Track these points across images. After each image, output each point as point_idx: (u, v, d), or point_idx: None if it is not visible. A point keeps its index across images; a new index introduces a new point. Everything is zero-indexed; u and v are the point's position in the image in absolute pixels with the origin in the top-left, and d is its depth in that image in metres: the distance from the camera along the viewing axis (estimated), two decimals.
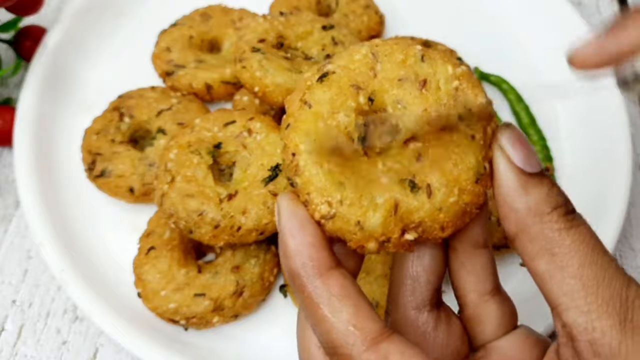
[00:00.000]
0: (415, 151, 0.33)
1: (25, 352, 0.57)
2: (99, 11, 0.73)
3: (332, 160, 0.32)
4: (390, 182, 0.32)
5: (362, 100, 0.34)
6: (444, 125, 0.33)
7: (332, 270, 0.31)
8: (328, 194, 0.32)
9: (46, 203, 0.59)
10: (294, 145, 0.33)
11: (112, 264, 0.59)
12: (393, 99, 0.35)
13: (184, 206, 0.52)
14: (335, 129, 0.33)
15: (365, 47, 0.36)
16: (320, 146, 0.33)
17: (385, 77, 0.35)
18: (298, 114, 0.34)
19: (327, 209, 0.32)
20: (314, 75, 0.35)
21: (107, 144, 0.61)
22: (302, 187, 0.33)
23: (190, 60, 0.67)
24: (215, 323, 0.54)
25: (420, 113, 0.34)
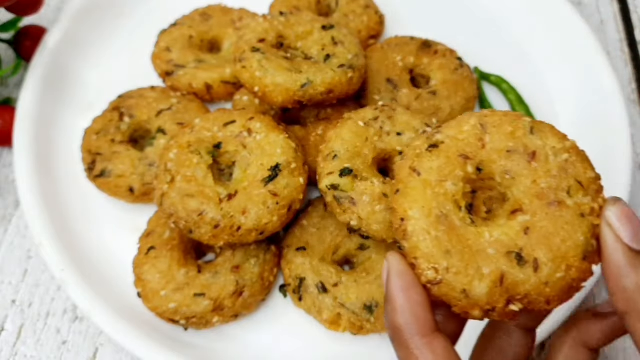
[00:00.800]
0: (523, 224, 0.34)
1: (25, 352, 0.57)
2: (99, 11, 0.73)
3: (440, 228, 0.34)
4: (496, 254, 0.33)
5: (470, 169, 0.36)
6: (553, 200, 0.34)
7: (436, 333, 0.33)
8: (435, 261, 0.33)
9: (46, 203, 0.59)
10: (403, 211, 0.35)
11: (112, 264, 0.59)
12: (501, 170, 0.36)
13: (184, 206, 0.52)
14: (443, 197, 0.35)
15: (474, 117, 0.37)
16: (429, 213, 0.34)
17: (494, 148, 0.36)
18: (407, 181, 0.36)
19: (434, 275, 0.33)
20: (423, 144, 0.37)
21: (107, 143, 0.61)
22: (409, 251, 0.34)
23: (190, 60, 0.67)
24: (215, 323, 0.54)
25: (529, 185, 0.35)
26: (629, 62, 0.77)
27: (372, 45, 0.70)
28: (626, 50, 0.78)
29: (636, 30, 0.80)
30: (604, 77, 0.66)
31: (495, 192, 0.37)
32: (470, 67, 0.68)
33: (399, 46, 0.68)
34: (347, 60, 0.58)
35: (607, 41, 0.79)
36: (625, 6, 0.82)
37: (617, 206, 0.34)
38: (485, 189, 0.37)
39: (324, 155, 0.55)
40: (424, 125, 0.56)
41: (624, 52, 0.78)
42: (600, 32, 0.79)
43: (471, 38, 0.73)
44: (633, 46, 0.78)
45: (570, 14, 0.71)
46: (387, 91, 0.64)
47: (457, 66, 0.67)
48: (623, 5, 0.82)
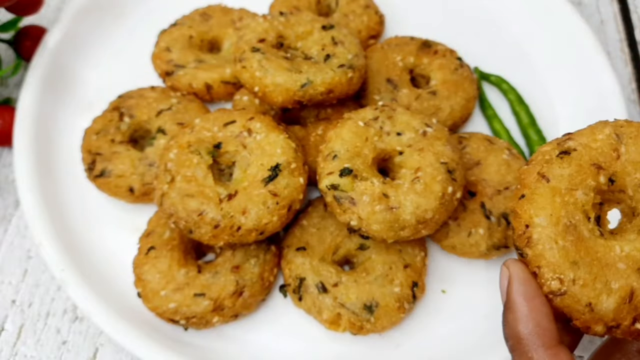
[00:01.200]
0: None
1: (25, 352, 0.57)
2: (99, 11, 0.73)
3: (567, 238, 0.33)
4: (627, 269, 0.32)
5: (602, 180, 0.35)
6: None
7: (559, 345, 0.32)
8: (561, 271, 0.32)
9: (46, 203, 0.59)
10: (528, 217, 0.34)
11: (112, 263, 0.59)
12: (636, 183, 0.35)
13: (183, 206, 0.52)
14: (572, 207, 0.34)
15: (609, 127, 0.36)
16: (557, 221, 0.33)
17: (629, 160, 0.35)
18: (535, 187, 0.35)
19: (558, 286, 0.33)
20: (554, 149, 0.36)
21: (107, 143, 0.61)
22: (532, 259, 0.33)
23: (190, 60, 0.67)
24: (215, 323, 0.54)
25: None
26: (629, 62, 0.77)
27: (372, 45, 0.70)
28: (626, 50, 0.78)
29: (636, 30, 0.80)
30: (604, 77, 0.66)
31: (623, 206, 0.36)
32: (470, 67, 0.68)
33: (399, 46, 0.68)
34: (347, 60, 0.58)
35: (607, 41, 0.79)
36: (625, 6, 0.82)
37: None
38: (613, 202, 0.36)
39: (323, 155, 0.55)
40: (424, 125, 0.56)
41: (624, 52, 0.78)
42: (600, 32, 0.79)
43: (471, 38, 0.73)
44: (633, 46, 0.78)
45: (570, 14, 0.71)
46: (387, 91, 0.64)
47: (457, 66, 0.67)
48: (623, 5, 0.82)
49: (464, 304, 0.58)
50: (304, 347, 0.55)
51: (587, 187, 0.35)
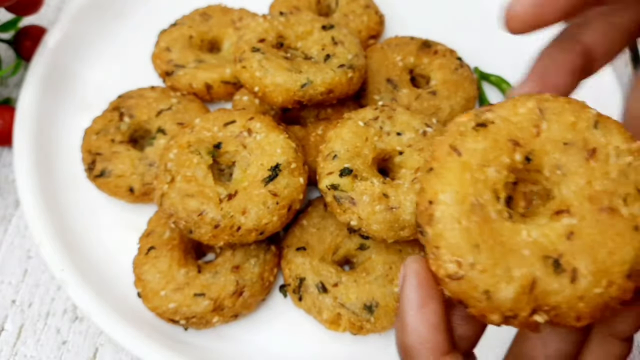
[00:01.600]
0: (567, 228, 0.30)
1: (25, 352, 0.57)
2: (99, 11, 0.73)
3: (472, 218, 0.30)
4: (532, 256, 0.29)
5: (518, 157, 0.32)
6: (607, 206, 0.30)
7: (447, 356, 0.30)
8: (460, 254, 0.29)
9: (46, 203, 0.59)
10: (432, 193, 0.31)
11: (112, 263, 0.59)
12: (553, 163, 0.31)
13: (183, 206, 0.52)
14: (482, 184, 0.31)
15: (533, 100, 0.33)
16: (462, 200, 0.30)
17: (550, 138, 0.32)
18: (444, 160, 0.31)
19: (455, 269, 0.30)
20: (470, 121, 0.32)
21: (107, 143, 0.61)
22: (432, 238, 0.30)
23: (190, 60, 0.67)
24: (215, 323, 0.54)
25: (581, 185, 0.30)
26: (629, 62, 0.77)
27: (372, 45, 0.70)
28: (626, 50, 0.78)
29: None
30: (604, 77, 0.66)
31: (539, 187, 0.33)
32: (470, 67, 0.68)
33: (399, 46, 0.68)
34: (347, 60, 0.58)
35: None
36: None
37: None
38: (528, 182, 0.33)
39: (323, 155, 0.55)
40: (424, 125, 0.56)
41: (624, 52, 0.78)
42: None
43: (471, 38, 0.73)
44: (633, 46, 0.78)
45: None
46: (387, 91, 0.64)
47: (457, 66, 0.67)
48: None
49: None
50: (304, 347, 0.55)
51: (500, 165, 0.31)
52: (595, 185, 0.30)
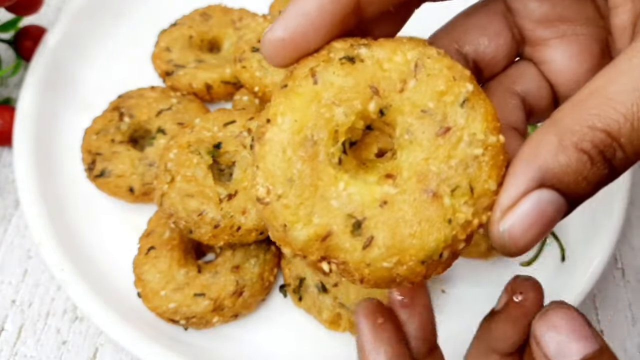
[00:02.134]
0: (384, 195, 0.28)
1: (25, 352, 0.57)
2: (99, 11, 0.73)
3: (299, 152, 0.29)
4: (337, 210, 0.28)
5: (371, 107, 0.29)
6: (431, 190, 0.28)
7: None
8: (272, 182, 0.29)
9: (46, 203, 0.59)
10: (273, 112, 0.29)
11: (112, 263, 0.59)
12: (404, 126, 0.29)
13: (183, 206, 0.52)
14: (324, 122, 0.29)
15: (416, 52, 0.30)
16: (298, 130, 0.29)
17: (410, 99, 0.29)
18: (299, 83, 0.29)
19: (263, 195, 0.29)
20: (341, 50, 0.30)
21: (107, 143, 0.61)
22: (256, 156, 0.29)
23: (190, 60, 0.67)
24: (215, 323, 0.54)
25: (419, 159, 0.29)
26: None
27: None
28: None
29: None
30: None
31: (388, 143, 0.31)
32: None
33: None
34: None
35: None
36: None
37: (558, 314, 0.29)
38: (386, 134, 0.31)
39: None
40: None
41: None
42: None
43: None
44: None
45: None
46: None
47: None
48: None
49: (464, 304, 0.58)
50: (304, 347, 0.55)
51: (351, 108, 0.29)
52: (431, 165, 0.28)
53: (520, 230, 0.26)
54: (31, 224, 0.58)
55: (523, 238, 0.26)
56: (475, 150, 0.28)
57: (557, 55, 0.34)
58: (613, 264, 0.63)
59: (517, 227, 0.26)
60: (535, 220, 0.26)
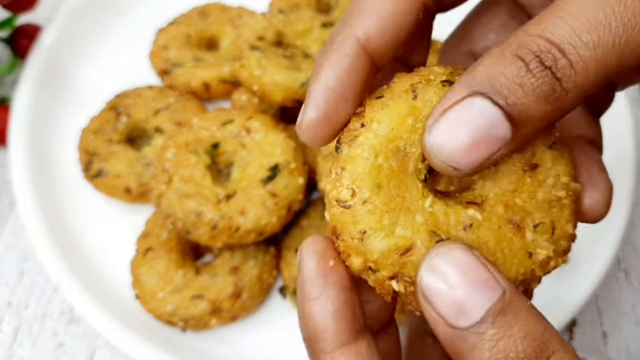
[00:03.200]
0: (469, 219, 0.28)
1: (22, 354, 0.56)
2: (96, 9, 0.73)
3: (390, 160, 0.28)
4: (422, 225, 0.28)
5: None
6: (516, 221, 0.28)
7: (351, 344, 0.28)
8: (359, 184, 0.28)
9: (42, 204, 0.59)
10: (370, 118, 0.29)
11: (109, 265, 0.58)
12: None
13: (181, 207, 0.52)
14: (417, 136, 0.29)
15: None
16: (392, 139, 0.28)
17: None
18: (398, 96, 0.29)
19: (347, 197, 0.28)
20: (443, 74, 0.30)
21: (104, 143, 0.61)
22: (343, 158, 0.29)
23: (188, 59, 0.67)
24: (213, 325, 0.54)
25: (507, 190, 0.29)
26: None
27: None
28: None
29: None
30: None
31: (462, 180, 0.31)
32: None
33: None
34: None
35: None
36: None
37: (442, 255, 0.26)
38: None
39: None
40: None
41: None
42: None
43: None
44: None
45: None
46: None
47: None
48: None
49: None
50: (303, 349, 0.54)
51: None
52: (518, 198, 0.29)
53: (447, 138, 0.25)
54: (27, 225, 0.57)
55: (450, 145, 0.25)
56: (559, 192, 0.29)
57: None
58: (616, 265, 0.62)
59: (444, 133, 0.25)
60: (464, 128, 0.25)
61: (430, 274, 0.26)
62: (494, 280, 0.25)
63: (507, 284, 0.25)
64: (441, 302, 0.25)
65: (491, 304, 0.24)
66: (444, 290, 0.25)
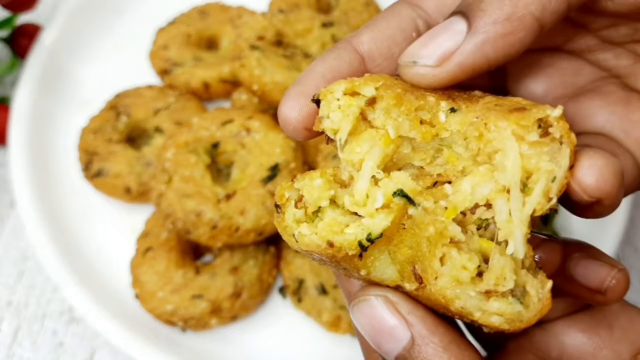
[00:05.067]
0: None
1: (22, 354, 0.56)
2: (96, 9, 0.72)
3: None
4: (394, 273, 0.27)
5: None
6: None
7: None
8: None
9: (42, 203, 0.58)
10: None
11: (108, 264, 0.58)
12: None
13: (181, 206, 0.52)
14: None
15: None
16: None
17: None
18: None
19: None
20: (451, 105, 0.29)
21: (103, 143, 0.60)
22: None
23: (188, 58, 0.66)
24: (213, 325, 0.54)
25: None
26: None
27: None
28: None
29: None
30: None
31: None
32: None
33: None
34: None
35: None
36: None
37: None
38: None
39: (323, 154, 0.54)
40: None
41: None
42: None
43: None
44: None
45: None
46: None
47: None
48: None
49: None
50: (304, 350, 0.55)
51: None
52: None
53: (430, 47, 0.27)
54: (27, 225, 0.57)
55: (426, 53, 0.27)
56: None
57: None
58: None
59: (424, 44, 0.27)
60: (438, 36, 0.27)
61: (354, 320, 0.28)
62: (402, 329, 0.26)
63: (421, 328, 0.26)
64: (366, 338, 0.27)
65: (398, 352, 0.26)
66: (363, 333, 0.27)
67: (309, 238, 0.26)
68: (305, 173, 0.28)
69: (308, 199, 0.27)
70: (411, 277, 0.27)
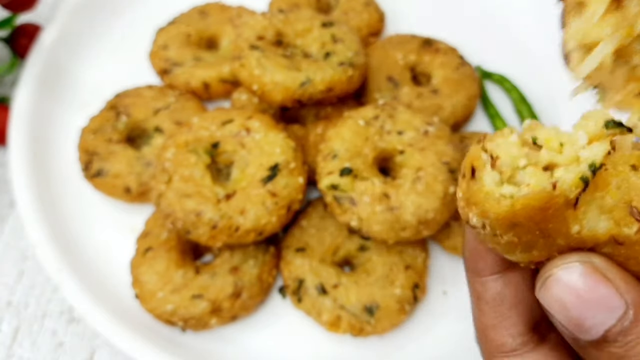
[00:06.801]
0: None
1: (22, 354, 0.56)
2: (95, 8, 0.72)
3: None
4: None
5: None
6: None
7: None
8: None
9: (42, 203, 0.59)
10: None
11: (108, 264, 0.58)
12: None
13: (181, 206, 0.52)
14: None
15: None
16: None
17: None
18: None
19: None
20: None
21: (103, 143, 0.60)
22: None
23: (187, 58, 0.66)
24: (213, 325, 0.54)
25: None
26: None
27: (373, 43, 0.69)
28: None
29: None
30: None
31: None
32: (472, 66, 0.67)
33: (400, 44, 0.67)
34: (347, 58, 0.58)
35: None
36: None
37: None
38: None
39: (323, 154, 0.54)
40: (425, 124, 0.55)
41: None
42: None
43: (473, 36, 0.72)
44: None
45: None
46: (388, 89, 0.63)
47: (458, 64, 0.66)
48: None
49: (466, 305, 0.57)
50: (304, 350, 0.55)
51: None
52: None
53: None
54: (27, 225, 0.57)
55: None
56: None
57: None
58: None
59: None
60: None
61: (546, 293, 0.25)
62: (614, 297, 0.23)
63: (633, 297, 0.23)
64: (560, 317, 0.24)
65: (610, 325, 0.23)
66: (558, 311, 0.24)
67: (526, 190, 0.24)
68: (492, 134, 0.26)
69: (505, 159, 0.25)
70: (627, 219, 0.24)
